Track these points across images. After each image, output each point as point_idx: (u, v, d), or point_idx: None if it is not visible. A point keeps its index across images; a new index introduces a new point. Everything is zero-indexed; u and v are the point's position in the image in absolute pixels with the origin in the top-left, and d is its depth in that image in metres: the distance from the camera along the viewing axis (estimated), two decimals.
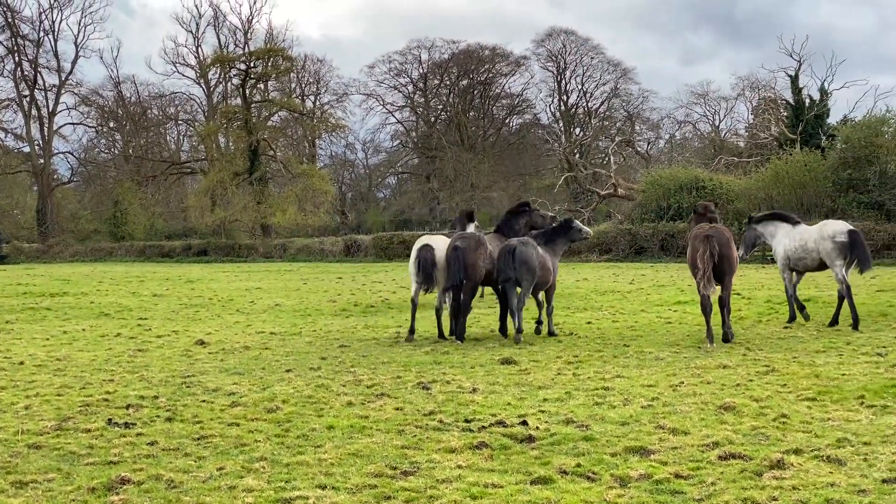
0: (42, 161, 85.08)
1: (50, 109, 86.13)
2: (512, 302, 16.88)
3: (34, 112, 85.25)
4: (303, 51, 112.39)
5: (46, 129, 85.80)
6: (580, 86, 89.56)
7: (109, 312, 24.43)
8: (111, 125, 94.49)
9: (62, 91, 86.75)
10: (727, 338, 15.96)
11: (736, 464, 7.98)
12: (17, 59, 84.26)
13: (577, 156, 77.60)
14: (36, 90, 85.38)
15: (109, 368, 14.31)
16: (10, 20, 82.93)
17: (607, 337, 17.12)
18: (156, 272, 48.84)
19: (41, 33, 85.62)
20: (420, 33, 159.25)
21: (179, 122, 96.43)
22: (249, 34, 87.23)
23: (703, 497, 7.18)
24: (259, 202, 73.85)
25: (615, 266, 41.46)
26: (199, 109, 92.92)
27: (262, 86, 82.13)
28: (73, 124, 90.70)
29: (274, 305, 25.98)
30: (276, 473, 8.01)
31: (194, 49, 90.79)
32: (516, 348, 15.71)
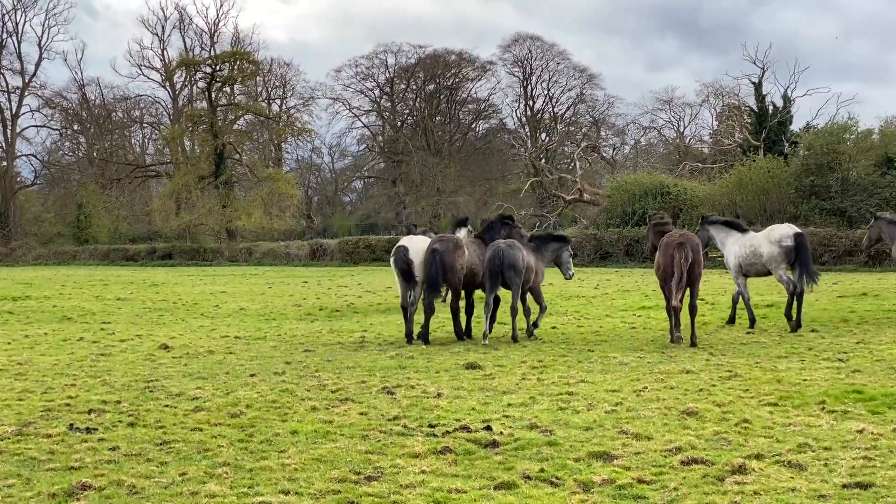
0: (5, 163, 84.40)
1: (13, 112, 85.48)
2: (488, 302, 17.37)
3: None
4: (269, 54, 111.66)
5: (10, 132, 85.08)
6: (546, 91, 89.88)
7: (72, 316, 24.22)
8: (75, 128, 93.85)
9: (26, 93, 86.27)
10: (693, 342, 16.16)
11: (698, 469, 8.02)
12: None
13: (543, 161, 77.82)
14: None
15: (71, 373, 14.18)
16: None
17: (572, 342, 17.18)
18: (120, 276, 48.49)
19: (4, 35, 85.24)
20: (387, 37, 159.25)
21: (144, 125, 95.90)
22: (216, 37, 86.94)
23: (666, 502, 7.22)
24: (224, 206, 73.47)
25: (580, 271, 41.56)
26: (165, 112, 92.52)
27: (229, 89, 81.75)
28: (37, 127, 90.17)
29: (239, 309, 25.86)
30: (240, 479, 7.97)
31: (160, 52, 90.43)
32: (481, 353, 15.73)
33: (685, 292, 16.40)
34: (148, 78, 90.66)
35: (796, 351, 15.21)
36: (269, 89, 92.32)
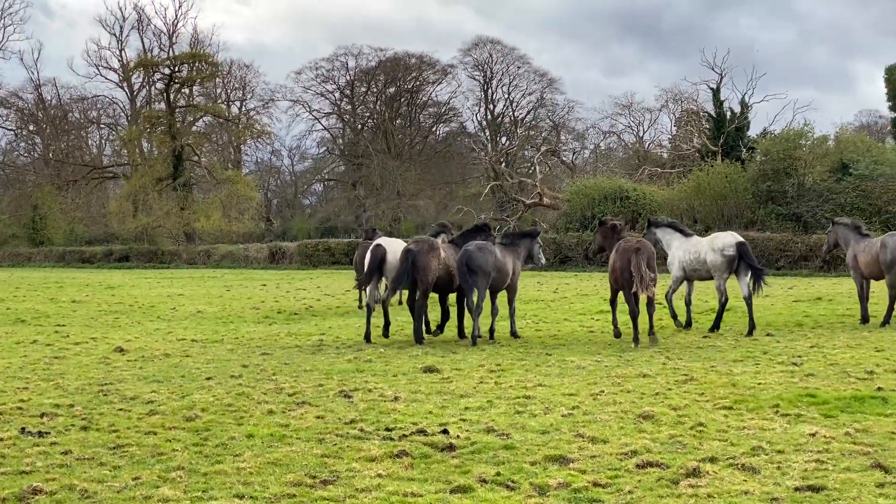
0: None
1: None
2: (470, 304, 17.59)
3: None
4: (229, 55, 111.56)
5: None
6: (506, 95, 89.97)
7: (26, 318, 23.94)
8: (31, 128, 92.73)
9: None
10: (651, 333, 16.97)
11: (653, 472, 8.06)
12: None
13: (503, 165, 77.89)
14: None
15: (24, 376, 14.02)
16: None
17: (530, 345, 17.23)
18: (75, 278, 48.00)
19: None
20: (347, 40, 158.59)
21: (101, 126, 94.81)
22: (174, 38, 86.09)
23: None
24: (183, 208, 73.03)
25: (539, 275, 41.68)
26: (122, 113, 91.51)
27: (187, 90, 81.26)
28: None
29: (196, 312, 25.69)
30: (194, 483, 7.91)
31: (118, 52, 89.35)
32: (439, 356, 15.73)
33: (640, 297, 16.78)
34: (105, 78, 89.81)
35: (751, 355, 15.34)
36: (229, 91, 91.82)
